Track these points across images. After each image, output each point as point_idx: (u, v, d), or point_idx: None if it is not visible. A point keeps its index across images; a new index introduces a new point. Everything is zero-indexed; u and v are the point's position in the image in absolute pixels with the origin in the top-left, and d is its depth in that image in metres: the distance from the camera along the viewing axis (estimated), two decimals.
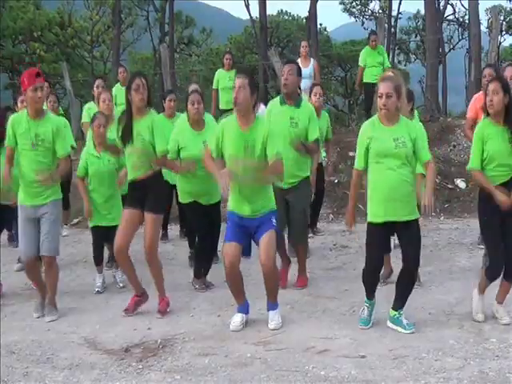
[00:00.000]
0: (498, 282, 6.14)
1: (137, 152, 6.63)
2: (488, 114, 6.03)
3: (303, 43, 13.14)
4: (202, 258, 7.67)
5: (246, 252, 6.40)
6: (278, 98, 7.50)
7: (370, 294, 6.23)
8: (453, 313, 6.38)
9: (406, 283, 6.05)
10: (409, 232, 5.94)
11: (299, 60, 12.30)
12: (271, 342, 5.83)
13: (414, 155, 5.92)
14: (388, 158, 5.84)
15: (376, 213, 5.95)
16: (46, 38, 31.86)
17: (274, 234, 6.26)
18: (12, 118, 6.78)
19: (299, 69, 7.45)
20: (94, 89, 10.33)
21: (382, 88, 5.86)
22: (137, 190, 6.75)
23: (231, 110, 6.83)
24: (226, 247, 6.25)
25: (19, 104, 8.84)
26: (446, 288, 7.19)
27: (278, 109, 7.34)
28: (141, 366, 5.47)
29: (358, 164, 6.05)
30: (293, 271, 7.62)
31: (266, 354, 5.58)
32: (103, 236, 7.81)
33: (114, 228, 7.22)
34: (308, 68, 12.34)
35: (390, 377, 5.02)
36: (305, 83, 10.33)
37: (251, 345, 5.79)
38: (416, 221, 5.98)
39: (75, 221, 11.45)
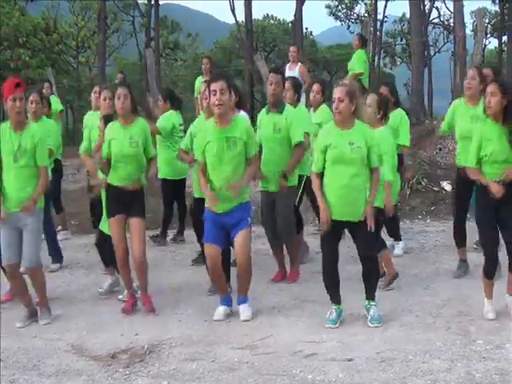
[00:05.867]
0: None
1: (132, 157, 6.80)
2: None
3: (292, 48, 13.27)
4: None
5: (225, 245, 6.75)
6: (264, 109, 7.84)
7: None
8: (439, 315, 6.39)
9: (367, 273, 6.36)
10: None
11: (288, 65, 12.51)
12: (258, 347, 5.82)
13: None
14: (343, 162, 6.06)
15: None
16: (32, 44, 31.67)
17: (249, 232, 6.62)
18: None
19: (284, 78, 7.92)
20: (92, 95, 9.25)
21: (335, 93, 6.09)
22: (123, 196, 6.82)
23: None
24: (207, 249, 6.61)
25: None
26: (433, 290, 7.20)
27: (265, 118, 7.69)
28: (128, 372, 5.46)
29: (316, 167, 6.23)
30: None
31: (253, 358, 5.57)
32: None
33: None
34: (293, 71, 12.39)
35: (377, 380, 5.02)
36: None
37: (238, 349, 5.78)
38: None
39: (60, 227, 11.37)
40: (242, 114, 7.43)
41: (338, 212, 6.12)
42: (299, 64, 12.91)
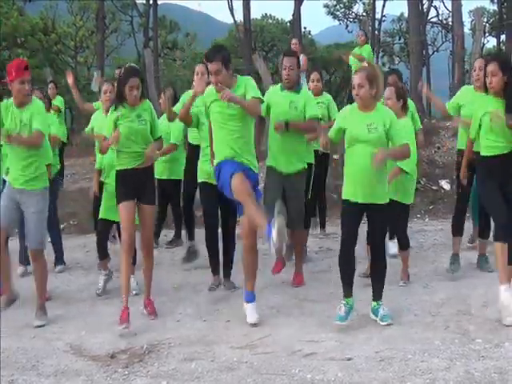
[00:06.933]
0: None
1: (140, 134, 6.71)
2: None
3: (293, 41, 13.29)
4: (213, 250, 7.61)
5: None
6: (278, 85, 7.72)
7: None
8: (438, 314, 6.40)
9: (376, 271, 6.35)
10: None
11: None
12: (257, 346, 5.82)
13: (387, 141, 6.19)
14: (360, 143, 6.06)
15: (349, 192, 6.19)
16: (30, 44, 31.66)
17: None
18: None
19: (299, 61, 7.68)
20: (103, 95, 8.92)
21: (355, 79, 6.15)
22: (133, 180, 6.68)
23: None
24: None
25: None
26: (432, 289, 7.21)
27: (279, 94, 7.54)
28: (127, 372, 5.45)
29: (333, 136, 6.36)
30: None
31: (252, 357, 5.57)
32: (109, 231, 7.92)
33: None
34: None
35: (376, 379, 5.02)
36: None
37: (237, 349, 5.78)
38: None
39: (60, 227, 11.37)
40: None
41: (360, 193, 6.08)
42: (301, 56, 12.89)
